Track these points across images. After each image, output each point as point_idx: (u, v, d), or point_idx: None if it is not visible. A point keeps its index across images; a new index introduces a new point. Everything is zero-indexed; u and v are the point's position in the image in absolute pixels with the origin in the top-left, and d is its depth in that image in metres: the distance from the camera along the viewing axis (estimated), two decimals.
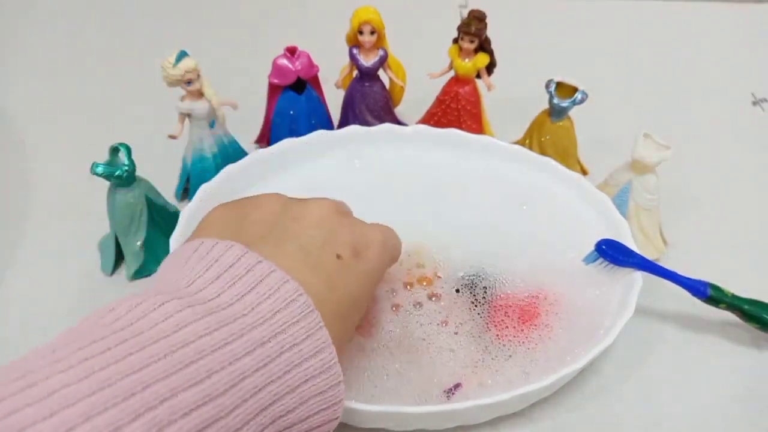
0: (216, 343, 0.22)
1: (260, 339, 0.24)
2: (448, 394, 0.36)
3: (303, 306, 0.25)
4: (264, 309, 0.24)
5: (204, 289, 0.25)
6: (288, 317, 0.25)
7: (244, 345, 0.23)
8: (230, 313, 0.24)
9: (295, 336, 0.24)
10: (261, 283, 0.25)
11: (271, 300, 0.25)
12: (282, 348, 0.24)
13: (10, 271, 0.47)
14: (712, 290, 0.40)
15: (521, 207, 0.47)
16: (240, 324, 0.24)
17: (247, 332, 0.23)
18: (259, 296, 0.25)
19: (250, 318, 0.24)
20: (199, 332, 0.22)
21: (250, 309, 0.24)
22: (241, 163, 0.47)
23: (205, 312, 0.23)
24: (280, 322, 0.24)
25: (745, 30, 0.80)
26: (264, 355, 0.23)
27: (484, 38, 0.51)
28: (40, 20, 0.79)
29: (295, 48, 0.52)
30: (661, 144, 0.45)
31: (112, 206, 0.44)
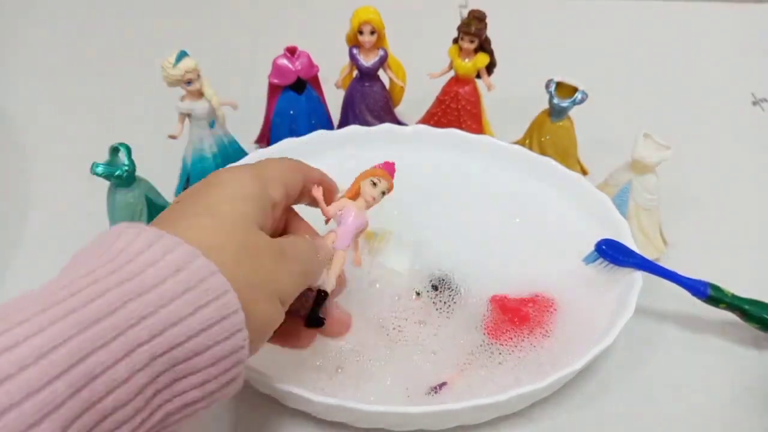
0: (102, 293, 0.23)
1: (151, 284, 0.24)
2: (433, 391, 0.36)
3: (186, 252, 0.25)
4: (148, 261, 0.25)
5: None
6: (173, 264, 0.24)
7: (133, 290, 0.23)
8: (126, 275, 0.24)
9: (172, 266, 0.24)
10: (153, 247, 0.25)
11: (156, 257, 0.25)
12: (162, 282, 0.24)
13: (10, 271, 0.47)
14: (712, 290, 0.40)
15: (520, 207, 0.47)
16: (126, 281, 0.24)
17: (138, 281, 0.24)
18: (151, 256, 0.25)
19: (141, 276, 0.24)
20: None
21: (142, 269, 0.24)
22: (241, 163, 0.47)
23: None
24: (169, 269, 0.24)
25: (745, 30, 0.80)
26: (154, 299, 0.23)
27: (484, 38, 0.51)
28: (40, 20, 0.79)
29: (295, 48, 0.52)
30: (661, 144, 0.45)
31: (112, 206, 0.44)
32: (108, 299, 0.23)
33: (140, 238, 0.25)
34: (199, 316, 0.24)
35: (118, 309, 0.22)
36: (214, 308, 0.24)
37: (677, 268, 0.45)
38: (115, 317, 0.22)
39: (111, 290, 0.23)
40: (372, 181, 0.36)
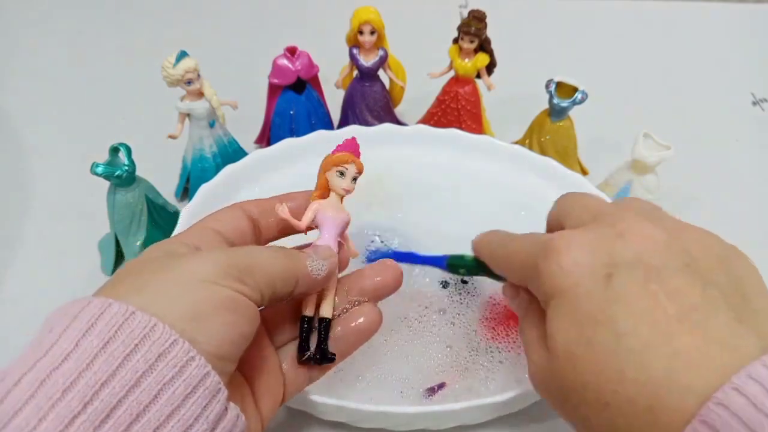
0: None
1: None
2: (432, 392, 0.36)
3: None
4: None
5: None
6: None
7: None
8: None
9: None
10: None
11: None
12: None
13: (10, 271, 0.47)
14: (450, 259, 0.37)
15: (521, 208, 0.47)
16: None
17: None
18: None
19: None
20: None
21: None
22: (241, 163, 0.47)
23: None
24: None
25: (745, 30, 0.80)
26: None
27: (484, 38, 0.51)
28: (40, 20, 0.79)
29: (295, 48, 0.52)
30: (661, 144, 0.45)
31: (112, 206, 0.44)
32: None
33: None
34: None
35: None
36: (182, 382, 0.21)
37: None
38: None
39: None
40: (339, 172, 0.30)
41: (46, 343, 0.21)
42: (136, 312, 0.21)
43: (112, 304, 0.21)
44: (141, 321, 0.21)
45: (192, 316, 0.22)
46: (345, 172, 0.30)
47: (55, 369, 0.20)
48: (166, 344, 0.21)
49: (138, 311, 0.21)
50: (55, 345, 0.21)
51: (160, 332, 0.21)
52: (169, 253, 0.26)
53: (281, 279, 0.26)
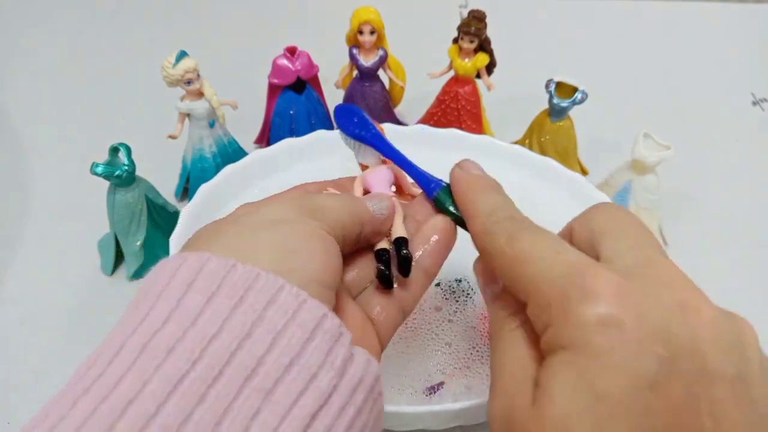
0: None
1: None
2: (431, 392, 0.36)
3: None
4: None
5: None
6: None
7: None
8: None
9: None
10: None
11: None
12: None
13: (10, 271, 0.47)
14: (439, 194, 0.30)
15: (520, 207, 0.47)
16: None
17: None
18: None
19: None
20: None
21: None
22: (241, 163, 0.47)
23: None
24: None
25: (745, 30, 0.80)
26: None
27: (484, 38, 0.51)
28: (40, 20, 0.79)
29: (295, 48, 0.52)
30: (661, 144, 0.45)
31: (112, 206, 0.44)
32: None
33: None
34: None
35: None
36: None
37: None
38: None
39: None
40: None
41: (144, 306, 0.20)
42: (237, 264, 0.20)
43: (210, 258, 0.20)
44: (243, 272, 0.20)
45: (287, 250, 0.21)
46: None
47: (158, 331, 0.19)
48: (273, 290, 0.20)
49: (239, 263, 0.20)
50: (155, 306, 0.19)
51: (264, 280, 0.20)
52: (230, 217, 0.25)
53: (349, 219, 0.26)
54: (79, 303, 0.45)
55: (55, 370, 0.41)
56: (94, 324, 0.43)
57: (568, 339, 0.20)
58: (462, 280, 0.41)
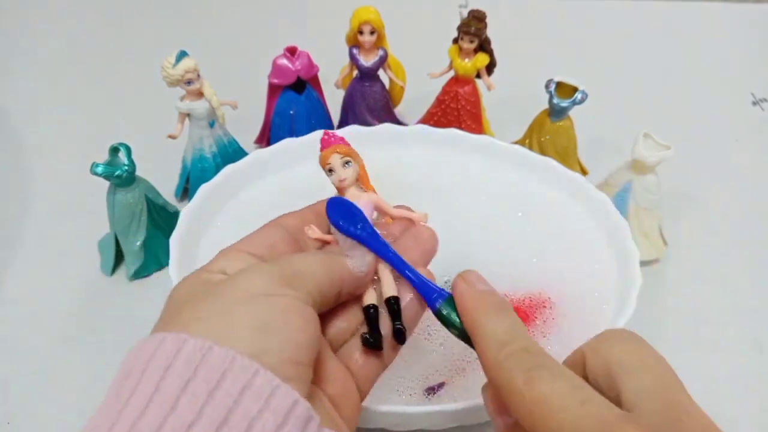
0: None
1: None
2: (431, 392, 0.36)
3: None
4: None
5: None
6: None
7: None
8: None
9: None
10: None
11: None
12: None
13: (10, 271, 0.47)
14: (443, 305, 0.28)
15: (520, 207, 0.47)
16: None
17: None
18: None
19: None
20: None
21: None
22: (241, 163, 0.47)
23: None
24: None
25: (745, 30, 0.80)
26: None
27: (484, 38, 0.51)
28: (40, 20, 0.79)
29: (295, 48, 0.52)
30: (661, 144, 0.45)
31: (112, 206, 0.44)
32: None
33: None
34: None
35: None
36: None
37: (677, 268, 0.45)
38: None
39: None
40: (328, 170, 0.30)
41: (126, 390, 0.20)
42: (213, 346, 0.20)
43: (187, 340, 0.20)
44: (219, 354, 0.20)
45: (263, 330, 0.22)
46: (333, 167, 0.30)
47: (139, 418, 0.19)
48: (249, 375, 0.20)
49: (215, 345, 0.20)
50: (136, 391, 0.20)
51: (240, 364, 0.20)
52: (208, 282, 0.25)
53: (327, 281, 0.26)
54: (79, 303, 0.45)
55: (55, 370, 0.41)
56: (94, 324, 0.43)
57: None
58: (449, 281, 0.41)
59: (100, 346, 0.42)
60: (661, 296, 0.46)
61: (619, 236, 0.42)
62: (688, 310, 0.45)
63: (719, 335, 0.44)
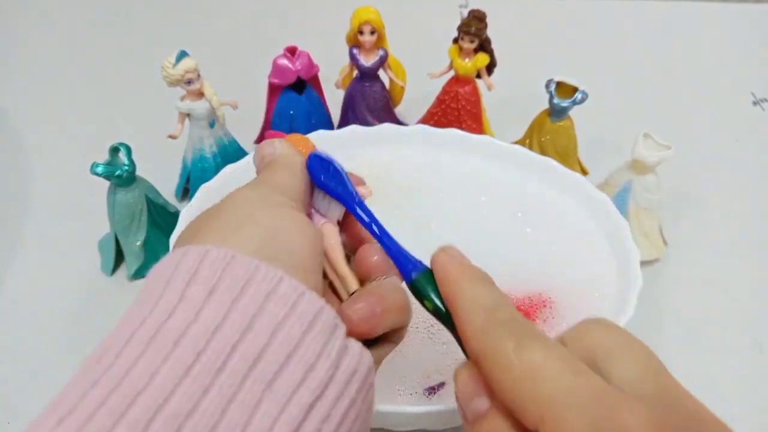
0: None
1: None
2: (432, 392, 0.36)
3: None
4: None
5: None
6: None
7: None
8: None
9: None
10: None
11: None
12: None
13: (10, 271, 0.47)
14: (419, 278, 0.25)
15: (520, 207, 0.47)
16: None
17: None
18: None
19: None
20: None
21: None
22: (241, 163, 0.47)
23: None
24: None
25: (745, 30, 0.80)
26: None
27: (484, 38, 0.51)
28: (40, 20, 0.79)
29: (295, 48, 0.52)
30: (661, 144, 0.45)
31: (112, 206, 0.44)
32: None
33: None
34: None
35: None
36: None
37: (677, 268, 0.45)
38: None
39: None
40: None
41: (151, 298, 0.20)
42: (236, 255, 0.20)
43: (210, 250, 0.20)
44: (242, 262, 0.20)
45: (270, 238, 0.22)
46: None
47: (164, 323, 0.19)
48: (273, 282, 0.20)
49: (238, 254, 0.20)
50: (161, 298, 0.20)
51: (264, 271, 0.20)
52: (215, 205, 0.25)
53: (303, 189, 0.26)
54: (79, 303, 0.45)
55: (55, 370, 0.41)
56: (95, 324, 0.43)
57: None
58: None
59: None
60: (661, 296, 0.46)
61: (619, 236, 0.42)
62: (688, 310, 0.45)
63: (719, 335, 0.44)
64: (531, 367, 0.19)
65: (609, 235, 0.43)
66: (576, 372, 0.19)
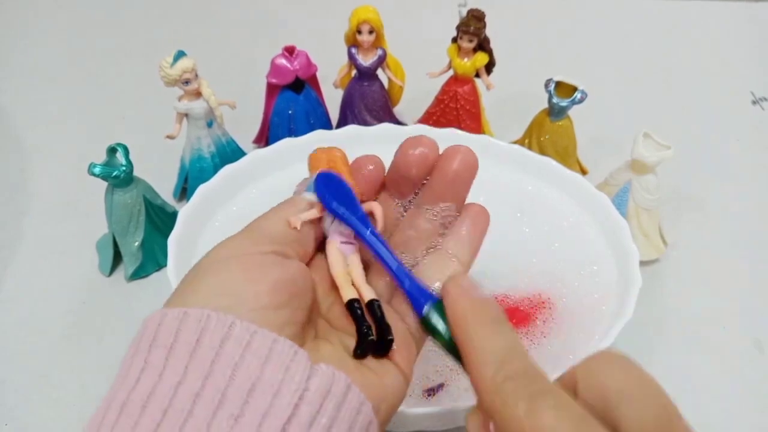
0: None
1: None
2: (429, 394, 0.36)
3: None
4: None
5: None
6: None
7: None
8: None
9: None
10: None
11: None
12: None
13: (8, 271, 0.47)
14: (431, 311, 0.25)
15: (520, 207, 0.47)
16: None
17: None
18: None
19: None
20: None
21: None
22: (240, 163, 0.47)
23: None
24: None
25: (745, 30, 0.79)
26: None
27: (483, 37, 0.51)
28: (40, 20, 0.79)
29: (293, 47, 0.52)
30: (661, 144, 0.44)
31: (110, 207, 0.44)
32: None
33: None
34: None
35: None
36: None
37: (677, 268, 0.45)
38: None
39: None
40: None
41: (123, 371, 0.22)
42: (187, 311, 0.21)
43: (166, 313, 0.22)
44: (195, 317, 0.21)
45: (221, 289, 0.22)
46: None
47: (131, 390, 0.20)
48: (225, 328, 0.21)
49: (189, 310, 0.21)
50: (130, 369, 0.21)
51: (215, 320, 0.21)
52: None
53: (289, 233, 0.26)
54: (78, 303, 0.45)
55: (55, 370, 0.41)
56: (92, 324, 0.43)
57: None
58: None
59: (99, 346, 0.42)
60: (661, 296, 0.46)
61: (619, 236, 0.42)
62: (688, 310, 0.45)
63: (719, 335, 0.44)
64: (542, 431, 0.19)
65: (609, 235, 0.43)
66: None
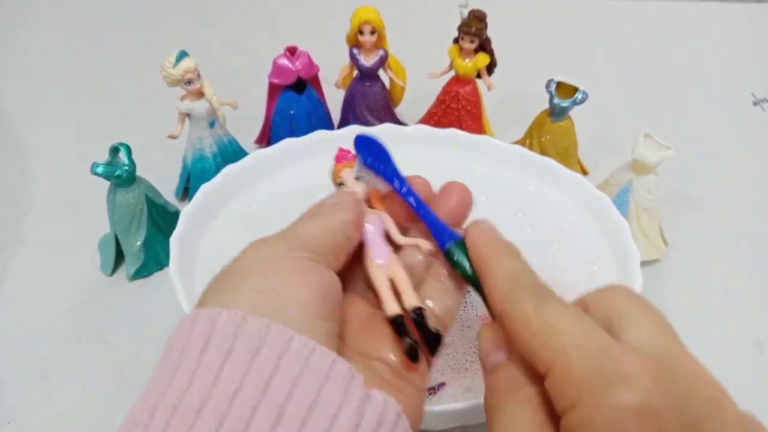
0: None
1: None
2: (429, 393, 0.36)
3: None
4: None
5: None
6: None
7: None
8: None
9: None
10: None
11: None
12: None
13: (10, 271, 0.47)
14: (452, 246, 0.28)
15: (521, 208, 0.47)
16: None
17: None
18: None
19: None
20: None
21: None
22: (241, 163, 0.47)
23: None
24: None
25: (745, 30, 0.80)
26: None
27: (484, 38, 0.51)
28: (40, 20, 0.79)
29: (295, 48, 0.52)
30: (661, 144, 0.45)
31: (112, 206, 0.44)
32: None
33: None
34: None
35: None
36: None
37: (677, 268, 0.45)
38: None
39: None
40: (339, 183, 0.31)
41: (168, 366, 0.21)
42: (246, 317, 0.21)
43: (221, 313, 0.21)
44: (254, 324, 0.21)
45: (267, 293, 0.22)
46: (344, 181, 0.30)
47: (184, 392, 0.20)
48: (284, 340, 0.20)
49: (249, 316, 0.21)
50: (179, 366, 0.20)
51: (275, 331, 0.20)
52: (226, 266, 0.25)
53: (330, 241, 0.26)
54: (79, 303, 0.45)
55: (55, 370, 0.41)
56: (95, 324, 0.43)
57: (600, 422, 0.19)
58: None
59: (101, 346, 0.42)
60: (661, 296, 0.46)
61: (619, 236, 0.42)
62: (688, 310, 0.45)
63: (719, 335, 0.44)
64: (547, 322, 0.21)
65: (609, 235, 0.43)
66: (588, 329, 0.21)
